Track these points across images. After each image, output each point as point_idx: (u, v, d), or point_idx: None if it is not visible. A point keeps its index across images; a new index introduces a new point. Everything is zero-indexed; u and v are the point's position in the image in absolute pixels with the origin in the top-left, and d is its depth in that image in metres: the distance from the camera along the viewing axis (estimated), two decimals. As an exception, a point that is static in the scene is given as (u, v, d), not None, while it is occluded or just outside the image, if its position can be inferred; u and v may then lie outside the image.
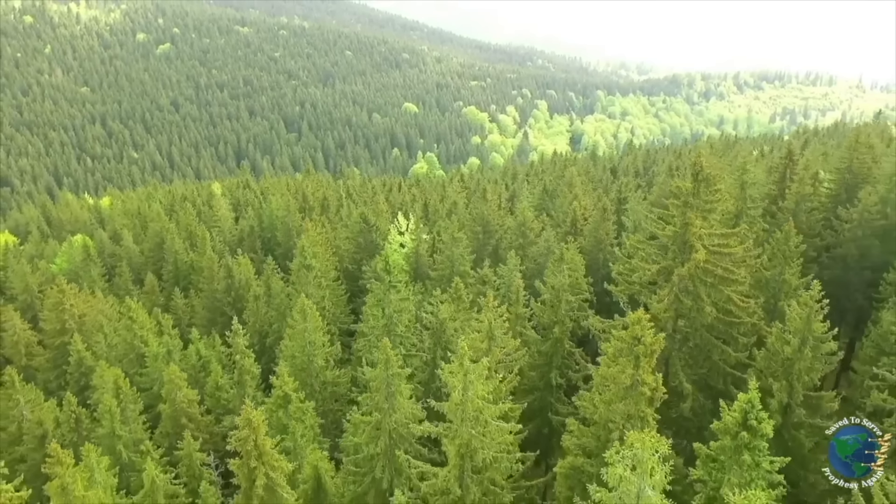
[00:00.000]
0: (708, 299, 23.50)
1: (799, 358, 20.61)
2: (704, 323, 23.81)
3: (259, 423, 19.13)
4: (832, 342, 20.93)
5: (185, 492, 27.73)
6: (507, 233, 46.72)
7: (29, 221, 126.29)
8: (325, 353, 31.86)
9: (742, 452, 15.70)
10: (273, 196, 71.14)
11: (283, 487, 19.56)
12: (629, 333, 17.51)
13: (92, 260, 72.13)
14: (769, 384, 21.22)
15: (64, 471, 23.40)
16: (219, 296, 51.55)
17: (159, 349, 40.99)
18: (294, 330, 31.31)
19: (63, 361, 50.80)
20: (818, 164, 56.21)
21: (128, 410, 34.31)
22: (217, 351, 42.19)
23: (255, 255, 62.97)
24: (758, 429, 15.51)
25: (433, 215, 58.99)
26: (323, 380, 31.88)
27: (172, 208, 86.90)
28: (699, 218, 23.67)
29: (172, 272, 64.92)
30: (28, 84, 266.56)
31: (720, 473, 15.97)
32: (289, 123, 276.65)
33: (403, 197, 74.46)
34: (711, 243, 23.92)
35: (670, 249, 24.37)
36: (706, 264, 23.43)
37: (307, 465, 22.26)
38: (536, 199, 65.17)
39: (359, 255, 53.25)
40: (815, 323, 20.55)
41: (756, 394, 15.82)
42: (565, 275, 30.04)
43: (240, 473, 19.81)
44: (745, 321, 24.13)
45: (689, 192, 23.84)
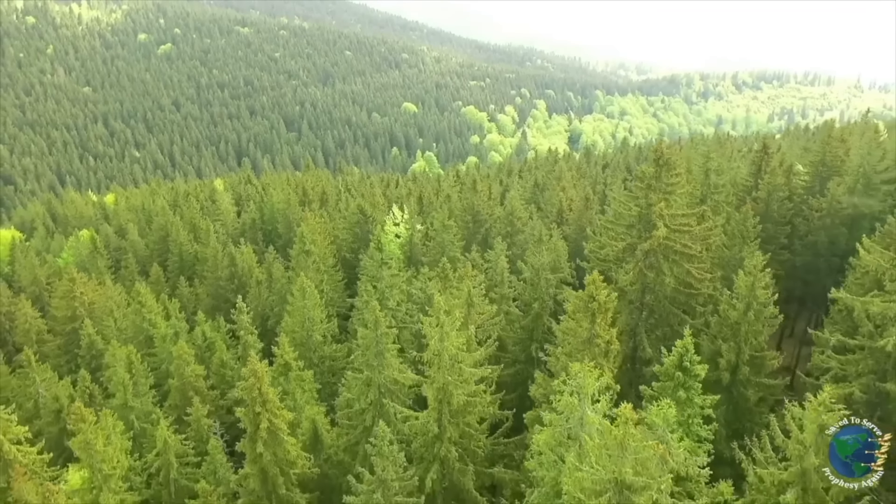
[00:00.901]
0: (669, 272, 26.01)
1: (744, 321, 23.12)
2: (666, 294, 26.32)
3: (263, 374, 21.61)
4: (773, 307, 23.40)
5: (193, 452, 30.22)
6: (496, 222, 49.23)
7: (34, 218, 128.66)
8: (323, 329, 34.34)
9: (678, 390, 18.17)
10: (274, 190, 73.64)
11: (284, 431, 22.02)
12: (585, 293, 19.99)
13: (99, 252, 74.60)
14: (719, 346, 23.75)
15: (87, 427, 25.88)
16: (222, 283, 54.04)
17: (167, 330, 43.50)
18: (294, 307, 33.79)
19: (74, 346, 53.22)
20: (797, 157, 58.80)
21: (139, 384, 36.80)
22: (222, 332, 44.65)
23: (257, 246, 65.40)
24: (691, 369, 17.98)
25: (427, 207, 61.50)
26: (321, 354, 34.37)
27: (176, 203, 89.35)
28: (661, 199, 26.17)
29: (177, 263, 67.35)
30: (31, 84, 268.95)
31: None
32: (289, 123, 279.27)
33: (400, 191, 77.02)
34: (672, 222, 26.41)
35: (636, 228, 26.88)
36: (667, 241, 25.93)
37: (305, 419, 24.71)
38: (528, 192, 67.66)
39: (356, 245, 55.70)
40: (758, 290, 23.05)
41: (690, 340, 18.29)
42: (545, 254, 32.50)
43: (245, 419, 22.28)
44: (702, 292, 26.65)
45: (652, 176, 26.35)
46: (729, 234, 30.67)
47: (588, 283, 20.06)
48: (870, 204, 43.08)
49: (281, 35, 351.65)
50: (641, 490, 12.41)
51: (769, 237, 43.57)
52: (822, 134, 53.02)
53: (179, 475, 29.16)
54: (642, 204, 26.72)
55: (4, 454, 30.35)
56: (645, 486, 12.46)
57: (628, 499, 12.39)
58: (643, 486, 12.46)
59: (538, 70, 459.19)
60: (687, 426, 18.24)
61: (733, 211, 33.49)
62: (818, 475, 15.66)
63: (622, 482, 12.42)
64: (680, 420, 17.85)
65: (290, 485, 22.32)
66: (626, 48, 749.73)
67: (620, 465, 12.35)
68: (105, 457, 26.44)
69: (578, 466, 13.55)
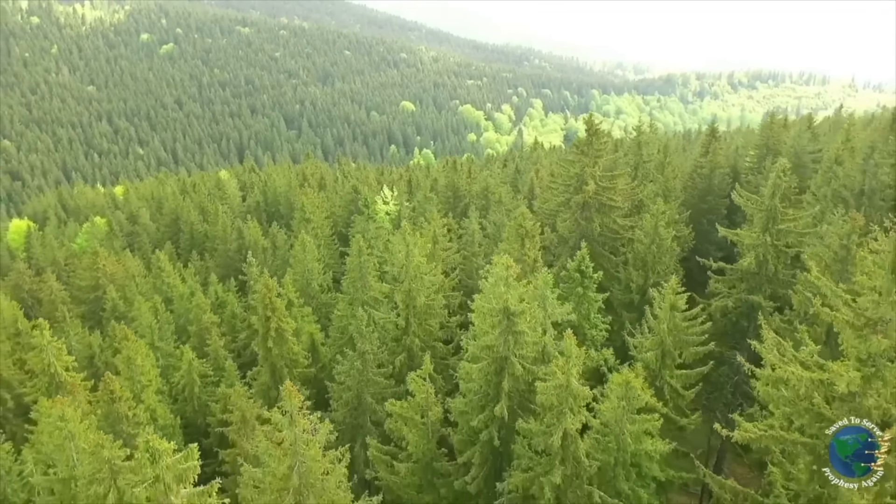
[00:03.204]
0: (597, 220, 32.37)
1: (649, 252, 29.47)
2: (595, 238, 32.66)
3: (273, 286, 27.85)
4: (674, 242, 29.71)
5: (212, 374, 36.55)
6: (474, 197, 55.58)
7: (46, 208, 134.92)
8: (320, 279, 40.65)
9: (577, 286, 24.47)
10: (276, 175, 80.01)
11: (289, 333, 28.24)
12: (515, 222, 26.31)
13: (115, 233, 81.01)
14: (631, 273, 30.11)
15: (129, 345, 32.21)
16: (231, 254, 60.38)
17: (185, 290, 49.83)
18: (295, 260, 40.07)
19: (97, 312, 59.54)
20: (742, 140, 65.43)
21: (163, 329, 43.15)
22: (232, 292, 50.94)
23: (262, 225, 71.73)
24: (587, 272, 24.30)
25: (415, 189, 67.83)
26: (318, 301, 40.68)
27: (184, 191, 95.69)
28: (592, 162, 32.54)
29: (188, 241, 73.65)
30: (36, 83, 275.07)
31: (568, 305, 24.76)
32: (289, 121, 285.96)
33: (392, 176, 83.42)
34: (600, 181, 32.77)
35: (572, 185, 33.22)
36: (596, 195, 32.29)
37: (304, 333, 30.87)
38: (509, 177, 74.01)
39: (351, 220, 61.98)
40: (660, 228, 29.42)
41: (586, 251, 24.65)
42: (504, 213, 38.80)
43: (258, 323, 28.51)
44: (623, 236, 33.01)
45: (585, 143, 32.72)
46: (653, 192, 36.96)
47: (517, 214, 26.35)
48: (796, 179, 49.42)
49: (281, 35, 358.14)
50: (520, 314, 18.57)
51: (710, 208, 50.12)
52: (765, 120, 59.43)
53: (201, 392, 35.46)
54: (577, 166, 33.09)
55: (58, 376, 36.82)
56: (522, 311, 18.64)
57: (513, 322, 18.57)
58: (521, 311, 18.62)
59: (535, 70, 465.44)
60: (587, 316, 24.53)
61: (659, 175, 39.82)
62: (670, 340, 22.01)
63: (507, 309, 18.58)
64: (581, 312, 24.18)
65: (293, 378, 28.56)
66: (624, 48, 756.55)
67: (506, 296, 18.52)
68: (143, 370, 32.77)
69: (482, 300, 20.00)
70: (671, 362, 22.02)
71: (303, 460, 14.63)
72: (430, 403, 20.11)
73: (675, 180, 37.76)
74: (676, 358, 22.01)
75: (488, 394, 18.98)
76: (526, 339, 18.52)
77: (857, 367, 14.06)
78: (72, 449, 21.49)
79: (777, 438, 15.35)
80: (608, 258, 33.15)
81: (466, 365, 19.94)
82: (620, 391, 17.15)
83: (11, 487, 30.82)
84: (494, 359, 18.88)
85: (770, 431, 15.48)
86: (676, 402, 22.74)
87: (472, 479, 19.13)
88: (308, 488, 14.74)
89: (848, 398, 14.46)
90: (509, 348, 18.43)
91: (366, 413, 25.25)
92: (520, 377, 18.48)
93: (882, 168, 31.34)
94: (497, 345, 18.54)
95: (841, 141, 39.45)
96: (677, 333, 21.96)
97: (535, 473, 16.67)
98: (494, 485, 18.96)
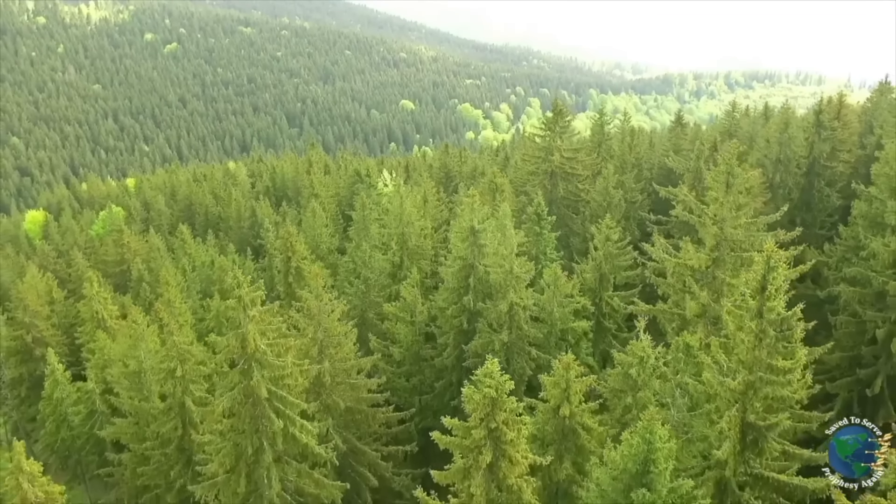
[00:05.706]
0: (561, 186, 38.72)
1: (601, 207, 35.85)
2: (559, 201, 39.01)
3: (293, 232, 34.07)
4: (623, 200, 36.07)
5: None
6: (464, 178, 61.85)
7: (60, 200, 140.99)
8: (328, 243, 46.93)
9: (535, 227, 30.79)
10: (283, 163, 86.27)
11: (306, 271, 34.45)
12: (487, 178, 32.58)
13: (133, 218, 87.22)
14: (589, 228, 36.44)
15: (169, 289, 38.50)
16: (245, 231, 66.63)
17: (206, 258, 56.08)
18: (306, 224, 46.33)
19: (125, 282, 65.75)
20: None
21: (191, 287, 49.43)
22: (248, 262, 57.17)
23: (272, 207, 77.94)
24: (542, 215, 30.64)
25: (413, 174, 74.11)
26: (327, 262, 46.92)
27: (196, 179, 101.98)
28: (556, 136, 38.88)
29: (203, 222, 79.85)
30: (43, 81, 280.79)
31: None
32: (291, 119, 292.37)
33: (391, 163, 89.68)
34: (565, 153, 39.11)
35: (540, 157, 39.55)
36: (561, 165, 38.63)
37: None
38: (499, 162, 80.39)
39: (354, 201, 68.24)
40: (610, 189, 35.76)
41: (542, 198, 30.97)
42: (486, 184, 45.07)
43: (280, 262, 34.68)
44: (584, 199, 39.38)
45: (552, 121, 39.05)
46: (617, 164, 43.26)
47: (489, 173, 32.63)
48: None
49: (283, 35, 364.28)
50: (482, 232, 24.83)
51: (673, 183, 56.49)
52: (727, 109, 65.85)
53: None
54: (546, 142, 39.44)
55: (104, 320, 43.19)
56: (484, 229, 24.86)
57: (477, 236, 24.83)
58: (483, 230, 24.87)
59: (534, 69, 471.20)
60: (543, 251, 30.81)
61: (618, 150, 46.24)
62: (606, 266, 28.28)
63: (472, 227, 24.83)
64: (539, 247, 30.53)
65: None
66: (623, 49, 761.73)
67: (472, 219, 24.79)
68: (181, 311, 39.04)
69: (456, 224, 26.32)
70: (608, 283, 28.31)
71: (325, 325, 20.87)
72: (417, 304, 26.36)
73: (632, 155, 44.03)
74: (611, 281, 28.33)
75: (459, 290, 25.29)
76: (486, 251, 24.84)
77: (708, 253, 20.30)
78: (142, 347, 27.65)
79: (661, 311, 21.61)
80: (570, 216, 39.47)
81: (445, 269, 26.28)
82: (551, 280, 23.42)
83: (71, 407, 37.26)
84: (464, 265, 25.21)
85: (659, 306, 21.72)
86: (615, 319, 29.04)
87: (448, 356, 25.43)
88: (328, 345, 21.02)
89: (706, 275, 20.64)
90: (474, 256, 24.75)
91: (367, 329, 31.35)
92: (481, 277, 24.81)
93: (796, 140, 37.59)
94: (466, 255, 24.84)
95: (780, 122, 45.65)
96: (611, 259, 28.23)
97: (489, 339, 22.95)
98: (463, 359, 25.27)
